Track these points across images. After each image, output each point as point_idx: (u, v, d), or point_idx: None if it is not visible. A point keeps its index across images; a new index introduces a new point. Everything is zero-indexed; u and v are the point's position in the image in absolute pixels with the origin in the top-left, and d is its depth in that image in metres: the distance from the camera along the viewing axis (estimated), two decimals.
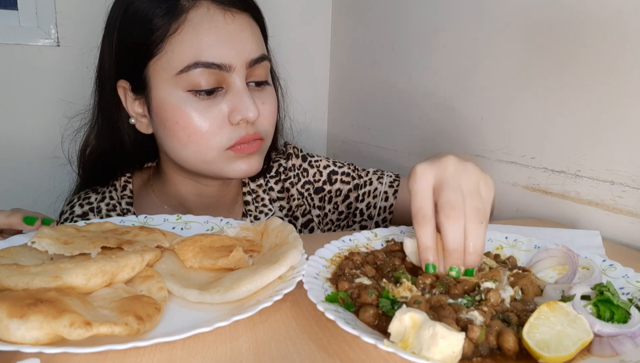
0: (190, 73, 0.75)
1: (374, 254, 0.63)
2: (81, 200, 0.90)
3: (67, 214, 0.89)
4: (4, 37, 1.32)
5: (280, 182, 1.00)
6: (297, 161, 1.01)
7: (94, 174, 0.92)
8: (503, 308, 0.49)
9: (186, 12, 0.75)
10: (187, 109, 0.76)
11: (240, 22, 0.78)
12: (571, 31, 0.91)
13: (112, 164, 0.90)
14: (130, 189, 0.91)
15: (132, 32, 0.78)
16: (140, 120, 0.84)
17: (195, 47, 0.74)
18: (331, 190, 1.01)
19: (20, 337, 0.40)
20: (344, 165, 1.02)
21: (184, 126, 0.77)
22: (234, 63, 0.76)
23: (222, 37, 0.75)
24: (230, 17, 0.77)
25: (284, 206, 0.99)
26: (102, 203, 0.88)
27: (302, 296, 0.52)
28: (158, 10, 0.75)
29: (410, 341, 0.41)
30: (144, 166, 0.96)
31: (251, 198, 0.97)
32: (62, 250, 0.54)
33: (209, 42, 0.74)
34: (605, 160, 0.87)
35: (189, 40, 0.75)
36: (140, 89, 0.80)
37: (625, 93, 0.83)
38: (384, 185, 0.99)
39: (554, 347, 0.42)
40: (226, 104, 0.77)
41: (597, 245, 0.74)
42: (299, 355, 0.44)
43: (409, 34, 1.34)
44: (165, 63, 0.76)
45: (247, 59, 0.77)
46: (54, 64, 1.38)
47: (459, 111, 1.19)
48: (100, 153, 0.89)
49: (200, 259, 0.59)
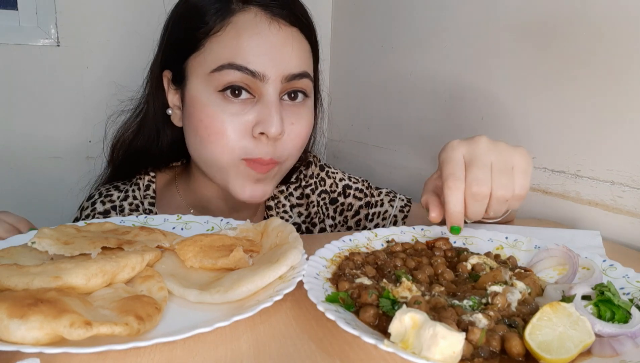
0: (223, 73, 0.74)
1: (375, 254, 0.63)
2: (102, 197, 0.89)
3: (88, 210, 0.88)
4: (4, 37, 1.33)
5: (300, 188, 1.01)
6: (315, 170, 1.03)
7: (123, 163, 0.92)
8: (509, 312, 0.49)
9: (234, 15, 0.75)
10: (213, 109, 0.75)
11: (285, 35, 0.76)
12: (571, 32, 0.91)
13: (143, 156, 0.90)
14: (154, 189, 0.91)
15: (184, 24, 0.79)
16: (175, 111, 0.84)
17: (233, 49, 0.73)
18: (344, 203, 1.03)
19: (21, 337, 0.40)
20: (358, 181, 1.04)
21: (207, 126, 0.76)
22: (268, 73, 0.74)
23: (262, 45, 0.74)
24: (275, 28, 0.75)
25: (302, 213, 1.00)
26: (125, 202, 0.88)
27: (302, 296, 0.52)
28: (211, 8, 0.76)
29: (410, 341, 0.41)
30: (169, 165, 0.96)
31: (273, 204, 0.97)
32: (63, 250, 0.54)
33: (247, 47, 0.73)
34: (605, 160, 0.87)
35: (229, 41, 0.74)
36: (179, 80, 0.81)
37: (626, 93, 0.83)
38: (395, 209, 1.01)
39: (556, 349, 0.42)
40: (253, 114, 0.75)
41: (597, 245, 0.74)
42: (299, 355, 0.44)
43: (409, 34, 1.34)
44: (203, 60, 0.76)
45: (284, 72, 0.75)
46: (54, 64, 1.38)
47: (459, 111, 1.19)
48: (136, 142, 0.90)
49: (200, 259, 0.59)
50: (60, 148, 1.44)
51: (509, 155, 0.61)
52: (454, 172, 0.59)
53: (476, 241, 0.71)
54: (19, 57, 1.35)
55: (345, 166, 1.63)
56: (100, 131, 0.94)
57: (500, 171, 0.60)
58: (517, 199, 0.61)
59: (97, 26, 1.41)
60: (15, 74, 1.35)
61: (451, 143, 0.63)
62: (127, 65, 1.41)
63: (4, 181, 1.38)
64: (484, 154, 0.60)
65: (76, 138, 1.44)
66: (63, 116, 1.42)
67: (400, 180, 1.42)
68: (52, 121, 1.41)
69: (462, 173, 0.60)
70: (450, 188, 0.59)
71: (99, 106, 1.41)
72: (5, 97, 1.35)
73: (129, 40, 1.43)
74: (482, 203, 0.60)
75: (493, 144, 0.61)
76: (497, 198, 0.60)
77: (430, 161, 1.29)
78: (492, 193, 0.59)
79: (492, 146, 0.61)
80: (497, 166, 0.60)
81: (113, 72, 1.40)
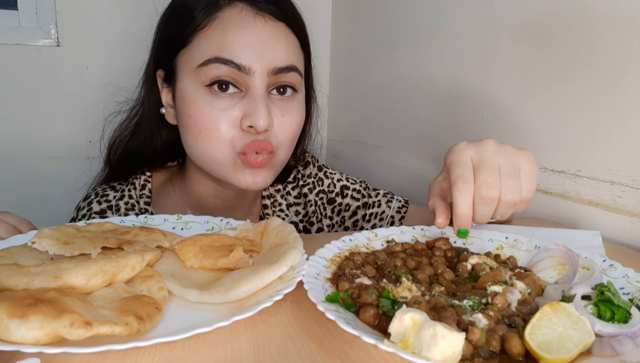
0: (209, 67, 0.75)
1: (375, 254, 0.63)
2: (99, 197, 0.90)
3: (84, 210, 0.89)
4: (4, 37, 1.32)
5: (298, 188, 1.03)
6: (313, 170, 1.04)
7: (119, 164, 0.93)
8: (509, 312, 0.49)
9: (220, 10, 0.76)
10: (201, 104, 0.76)
11: (271, 29, 0.77)
12: (571, 32, 0.91)
13: (140, 157, 0.91)
14: (149, 189, 0.92)
15: (174, 22, 0.81)
16: (168, 110, 0.85)
17: (219, 43, 0.75)
18: (342, 203, 1.03)
19: (21, 337, 0.40)
20: (356, 182, 1.05)
21: (196, 121, 0.77)
22: (254, 67, 0.75)
23: (247, 39, 0.75)
24: (261, 22, 0.76)
25: (299, 212, 1.01)
26: (121, 201, 0.89)
27: (302, 296, 0.52)
28: (199, 5, 0.77)
29: (410, 341, 0.41)
30: (165, 165, 0.97)
31: (269, 202, 0.99)
32: (63, 251, 0.54)
33: (232, 41, 0.74)
34: (605, 160, 0.87)
35: (215, 36, 0.75)
36: (170, 78, 0.82)
37: (626, 93, 0.83)
38: (392, 209, 1.01)
39: (556, 349, 0.42)
40: (241, 107, 0.76)
41: (597, 245, 0.74)
42: (299, 355, 0.44)
43: (409, 34, 1.34)
44: (190, 56, 0.77)
45: (269, 65, 0.76)
46: (54, 64, 1.38)
47: (459, 111, 1.19)
48: (132, 143, 0.91)
49: (200, 259, 0.59)
50: (60, 148, 1.44)
51: (516, 158, 0.61)
52: (463, 174, 0.59)
53: (476, 241, 0.71)
54: (19, 57, 1.35)
55: (345, 166, 1.63)
56: (100, 131, 0.95)
57: (509, 174, 0.60)
58: (524, 202, 0.61)
59: (97, 26, 1.41)
60: (15, 74, 1.35)
61: (458, 145, 0.62)
62: (127, 65, 1.41)
63: (4, 181, 1.38)
64: (492, 157, 0.60)
65: (76, 138, 1.44)
66: (63, 116, 1.42)
67: (400, 180, 1.42)
68: (52, 121, 1.41)
69: (471, 176, 0.59)
70: (459, 190, 0.59)
71: (99, 106, 1.41)
72: (5, 97, 1.35)
73: (129, 40, 1.43)
74: (490, 207, 0.60)
75: (500, 147, 0.61)
76: (505, 202, 0.60)
77: (431, 161, 1.29)
78: (501, 196, 0.59)
79: (500, 149, 0.61)
80: (505, 170, 0.60)
81: (113, 72, 1.40)
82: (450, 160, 0.62)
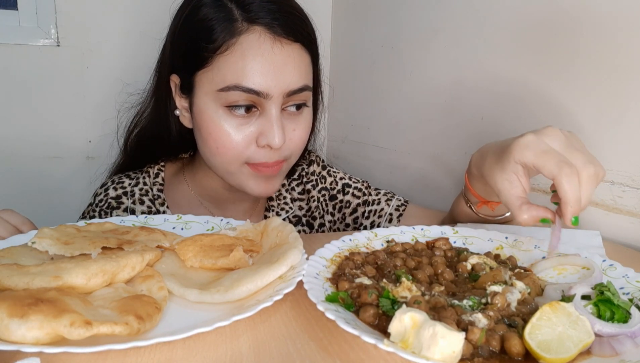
0: (230, 94, 0.78)
1: (375, 254, 0.63)
2: (115, 184, 0.95)
3: (101, 196, 0.94)
4: (4, 37, 1.32)
5: (302, 184, 1.08)
6: (317, 168, 1.09)
7: (135, 154, 0.99)
8: (509, 312, 0.49)
9: (239, 35, 0.78)
10: (221, 123, 0.80)
11: (287, 53, 0.80)
12: (571, 31, 0.91)
13: (154, 148, 0.97)
14: (163, 177, 0.98)
15: (192, 36, 0.82)
16: (184, 114, 0.89)
17: (239, 71, 0.77)
18: (343, 200, 1.07)
19: (21, 337, 0.40)
20: (358, 181, 1.09)
21: (215, 138, 0.82)
22: (272, 92, 0.78)
23: (266, 66, 0.78)
24: (278, 47, 0.79)
25: (302, 207, 1.06)
26: (136, 188, 0.94)
27: (302, 296, 0.52)
28: (219, 26, 0.78)
29: (410, 341, 0.41)
30: (178, 156, 1.02)
31: (274, 195, 1.04)
32: (63, 251, 0.54)
33: (252, 69, 0.77)
34: (605, 160, 0.87)
35: (235, 63, 0.77)
36: (187, 89, 0.85)
37: (625, 93, 0.83)
38: (391, 207, 1.03)
39: (555, 349, 0.42)
40: (257, 126, 0.81)
41: (597, 244, 0.74)
42: (299, 355, 0.44)
43: (409, 34, 1.34)
44: (210, 78, 0.80)
45: (285, 89, 0.80)
46: (54, 64, 1.38)
47: (459, 111, 1.19)
48: (146, 135, 0.96)
49: (200, 259, 0.59)
50: (60, 148, 1.43)
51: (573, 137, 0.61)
52: (563, 159, 0.56)
53: (476, 241, 0.71)
54: (19, 57, 1.34)
55: (345, 166, 1.63)
56: (100, 131, 0.97)
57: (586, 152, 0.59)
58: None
59: (97, 26, 1.41)
60: (15, 74, 1.35)
61: (525, 138, 0.59)
62: (128, 65, 1.41)
63: (4, 181, 1.38)
64: (569, 138, 0.59)
65: (76, 138, 1.44)
66: (63, 116, 1.42)
67: (400, 180, 1.42)
68: (52, 121, 1.41)
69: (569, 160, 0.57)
70: (568, 174, 0.55)
71: (99, 106, 1.42)
72: (5, 97, 1.35)
73: (128, 40, 1.43)
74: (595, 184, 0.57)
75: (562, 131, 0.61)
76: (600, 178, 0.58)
77: (431, 161, 1.29)
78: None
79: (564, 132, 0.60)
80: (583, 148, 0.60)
81: (113, 72, 1.40)
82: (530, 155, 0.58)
